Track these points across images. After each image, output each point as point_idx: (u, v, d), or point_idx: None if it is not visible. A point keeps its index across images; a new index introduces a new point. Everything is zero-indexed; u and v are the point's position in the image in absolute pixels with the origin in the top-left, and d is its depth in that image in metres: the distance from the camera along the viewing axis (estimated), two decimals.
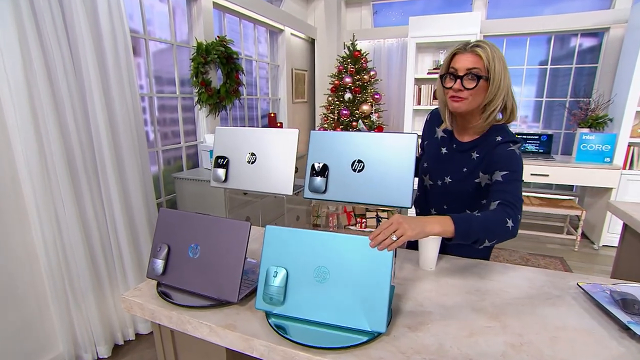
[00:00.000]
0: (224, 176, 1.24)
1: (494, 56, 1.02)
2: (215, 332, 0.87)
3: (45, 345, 1.81)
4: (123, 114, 1.94)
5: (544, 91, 3.86)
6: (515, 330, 0.83)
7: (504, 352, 0.76)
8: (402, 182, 0.99)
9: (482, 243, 0.92)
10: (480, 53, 1.02)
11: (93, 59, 1.77)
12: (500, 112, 1.09)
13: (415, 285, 1.03)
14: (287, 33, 3.97)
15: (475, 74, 1.03)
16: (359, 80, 3.82)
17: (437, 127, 1.25)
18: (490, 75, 1.03)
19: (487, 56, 1.02)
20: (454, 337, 0.80)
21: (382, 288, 0.79)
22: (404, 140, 1.00)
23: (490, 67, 1.02)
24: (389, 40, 4.36)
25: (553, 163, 3.23)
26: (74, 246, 1.75)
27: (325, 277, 0.84)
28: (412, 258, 1.21)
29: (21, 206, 1.68)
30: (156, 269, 1.02)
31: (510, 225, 0.93)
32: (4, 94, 1.57)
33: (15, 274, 1.68)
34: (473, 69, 1.03)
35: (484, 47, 1.03)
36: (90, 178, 1.82)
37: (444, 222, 0.87)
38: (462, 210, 1.18)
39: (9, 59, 1.52)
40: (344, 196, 1.06)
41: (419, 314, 0.90)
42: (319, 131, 1.11)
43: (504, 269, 1.13)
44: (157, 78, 2.82)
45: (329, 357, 0.75)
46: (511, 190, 0.99)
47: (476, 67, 1.03)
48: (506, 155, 1.05)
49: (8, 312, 1.66)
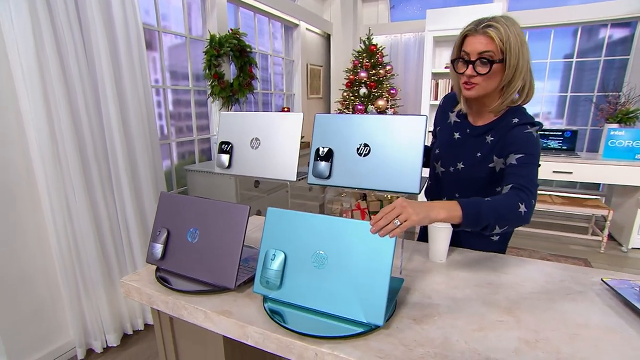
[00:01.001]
0: (227, 162, 1.21)
1: (508, 35, 0.93)
2: (210, 318, 0.84)
3: (57, 331, 1.83)
4: (135, 104, 1.95)
5: (569, 86, 3.69)
6: (530, 325, 0.76)
7: (516, 348, 0.69)
8: (410, 167, 0.93)
9: (492, 229, 0.85)
10: (493, 35, 0.93)
11: (105, 49, 1.78)
12: (518, 93, 1.02)
13: (424, 277, 0.98)
14: (303, 28, 3.94)
15: (488, 58, 0.96)
16: (375, 75, 3.75)
17: (450, 112, 1.18)
18: (505, 56, 0.95)
19: (501, 36, 0.93)
20: (462, 331, 0.74)
21: (382, 278, 0.74)
22: (412, 122, 0.94)
23: (505, 48, 0.94)
24: (406, 34, 4.27)
25: (577, 160, 3.08)
26: (85, 235, 1.77)
27: (323, 263, 0.79)
28: (422, 250, 1.15)
29: (34, 195, 1.71)
30: (155, 253, 1.00)
31: (522, 211, 0.86)
32: (19, 82, 1.60)
33: (28, 260, 1.71)
34: (485, 53, 0.95)
35: (497, 27, 0.94)
36: (101, 167, 1.83)
37: (451, 207, 0.81)
38: None
39: (23, 47, 1.54)
40: (348, 182, 1.01)
41: (425, 306, 0.84)
42: (323, 114, 1.06)
43: (520, 262, 1.06)
44: (173, 73, 2.84)
45: (325, 346, 0.70)
46: (525, 174, 0.92)
47: (489, 51, 0.95)
48: (522, 137, 0.97)
49: (21, 297, 1.69)
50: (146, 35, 2.57)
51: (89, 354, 1.88)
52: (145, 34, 2.52)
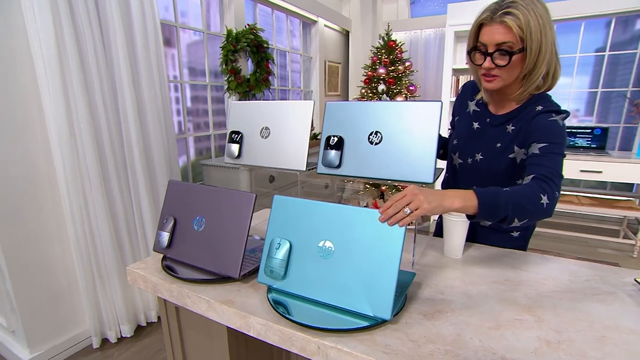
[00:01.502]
0: (237, 152, 1.19)
1: (528, 20, 0.85)
2: (213, 307, 0.81)
3: (73, 320, 1.87)
4: (151, 99, 1.96)
5: (600, 81, 3.50)
6: (551, 325, 0.70)
7: (536, 349, 0.64)
8: (424, 155, 0.88)
9: (510, 222, 0.79)
10: (511, 23, 0.86)
11: (123, 45, 1.80)
12: (541, 78, 0.95)
13: (437, 272, 0.92)
14: (321, 24, 3.91)
15: (506, 50, 0.89)
16: (394, 72, 3.68)
17: (469, 101, 1.12)
18: (526, 45, 0.88)
19: (520, 24, 0.86)
20: (477, 328, 0.69)
21: (390, 269, 0.69)
22: (426, 109, 0.89)
23: (526, 36, 0.87)
24: (426, 30, 4.17)
25: (608, 159, 2.91)
26: (101, 227, 1.79)
27: (329, 253, 0.76)
28: (437, 245, 1.09)
29: (54, 185, 1.75)
30: (161, 241, 0.99)
31: (544, 202, 0.79)
32: (40, 76, 1.63)
33: (47, 249, 1.75)
34: (503, 44, 0.88)
35: (515, 14, 0.86)
36: (117, 161, 1.85)
37: (466, 196, 0.76)
38: None
39: (45, 42, 1.58)
40: (359, 171, 0.97)
41: (438, 301, 0.79)
42: (334, 102, 1.03)
43: (542, 260, 0.99)
44: (191, 69, 2.87)
45: (329, 339, 0.67)
46: (549, 164, 0.85)
47: (507, 42, 0.88)
48: (546, 125, 0.90)
49: (40, 284, 1.73)
50: (165, 33, 2.61)
51: (104, 343, 1.91)
52: (164, 31, 2.56)
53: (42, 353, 1.74)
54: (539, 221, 0.96)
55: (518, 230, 1.09)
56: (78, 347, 1.87)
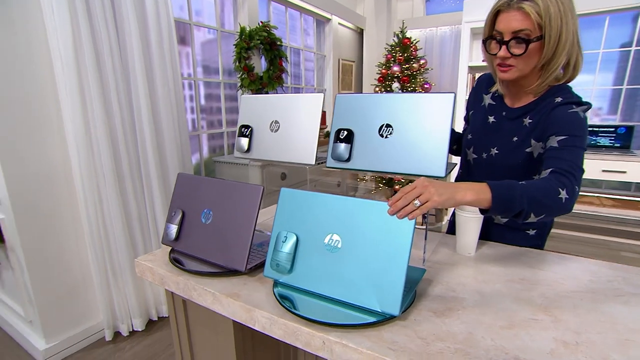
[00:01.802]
0: (246, 146, 1.18)
1: (547, 6, 0.82)
2: (218, 300, 0.81)
3: (87, 312, 1.90)
4: (165, 96, 1.98)
5: (625, 78, 3.37)
6: (569, 326, 0.67)
7: (552, 350, 0.60)
8: (436, 148, 0.86)
9: (526, 217, 0.75)
10: (529, 9, 0.82)
11: (138, 42, 1.82)
12: (561, 68, 0.91)
13: (449, 270, 0.89)
14: (335, 22, 3.89)
15: (523, 38, 0.85)
16: (408, 69, 3.63)
17: (484, 94, 1.09)
18: (544, 32, 0.84)
19: (538, 10, 0.82)
20: (489, 327, 0.66)
21: (399, 264, 0.67)
22: (438, 101, 0.87)
23: (544, 23, 0.83)
24: (441, 28, 4.10)
25: (633, 158, 2.80)
26: (114, 222, 1.82)
27: (336, 247, 0.74)
28: (449, 242, 1.06)
29: (70, 181, 1.78)
30: (169, 234, 0.98)
31: (563, 197, 0.75)
32: (58, 73, 1.66)
33: (63, 243, 1.78)
34: (520, 32, 0.85)
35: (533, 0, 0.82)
36: (131, 158, 1.87)
37: (479, 189, 0.73)
38: None
39: (62, 39, 1.61)
40: (369, 165, 0.95)
41: (449, 299, 0.76)
42: (344, 94, 1.01)
43: (560, 259, 0.95)
44: (205, 67, 2.89)
45: (334, 334, 0.65)
46: (568, 158, 0.81)
47: (525, 29, 0.84)
48: (566, 117, 0.86)
49: (57, 277, 1.77)
50: (180, 31, 2.63)
51: (116, 336, 1.93)
52: (179, 30, 2.59)
53: (57, 343, 1.78)
54: (557, 222, 0.91)
55: (534, 228, 1.04)
56: (91, 339, 1.90)
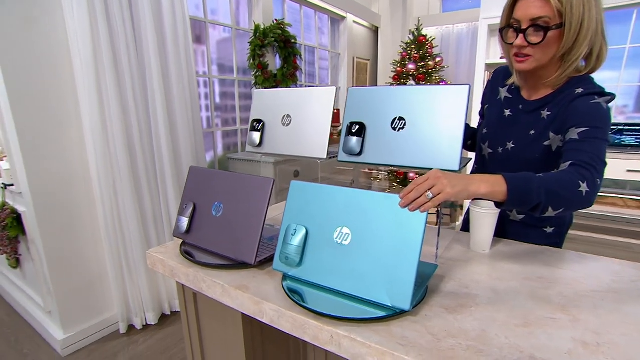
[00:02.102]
0: (258, 140, 1.18)
1: None
2: (227, 292, 0.80)
3: (103, 305, 1.94)
4: (180, 93, 2.00)
5: None
6: (589, 326, 0.64)
7: (570, 350, 0.58)
8: (450, 141, 0.83)
9: (544, 211, 0.72)
10: None
11: (154, 40, 1.85)
12: (583, 59, 0.87)
13: (462, 266, 0.87)
14: (350, 20, 3.87)
15: (542, 25, 0.81)
16: (423, 67, 3.58)
17: (500, 87, 1.06)
18: (565, 20, 0.80)
19: None
20: (503, 325, 0.64)
21: (411, 257, 0.65)
22: (453, 93, 0.84)
23: (565, 10, 0.79)
24: (458, 25, 4.04)
25: None
26: (129, 218, 1.85)
27: (346, 240, 0.72)
28: (463, 240, 1.03)
29: (87, 179, 1.82)
30: (181, 226, 0.99)
31: (584, 190, 0.72)
32: (77, 70, 1.70)
33: (81, 237, 1.82)
34: (539, 19, 0.81)
35: None
36: (146, 154, 1.90)
37: (494, 181, 0.70)
38: None
39: (82, 38, 1.64)
40: (381, 158, 0.93)
41: (461, 296, 0.74)
42: (357, 87, 1.00)
43: (580, 258, 0.91)
44: (220, 66, 2.92)
45: (342, 328, 0.63)
46: (589, 150, 0.77)
47: (544, 16, 0.81)
48: (587, 108, 0.82)
49: (75, 270, 1.81)
50: (196, 30, 2.66)
51: (130, 329, 1.96)
52: (195, 28, 2.61)
53: (74, 334, 1.82)
54: (577, 224, 0.87)
55: (552, 225, 1.01)
56: (106, 332, 1.94)
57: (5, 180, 1.89)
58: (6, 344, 1.88)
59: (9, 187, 1.83)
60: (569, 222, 1.05)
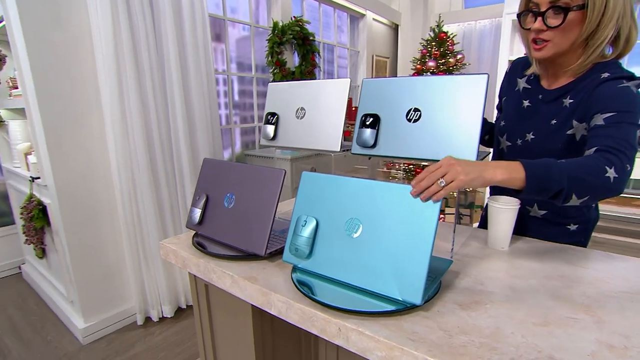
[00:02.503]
0: (272, 133, 1.17)
1: None
2: (237, 283, 0.80)
3: (122, 296, 1.98)
4: (198, 90, 2.03)
5: None
6: (616, 328, 0.60)
7: (594, 352, 0.54)
8: (467, 133, 0.80)
9: (567, 198, 0.67)
10: None
11: (173, 37, 1.88)
12: (610, 44, 0.82)
13: (478, 263, 0.84)
14: (369, 18, 3.84)
15: (562, 6, 0.76)
16: (444, 65, 3.50)
17: (518, 78, 1.01)
18: (587, 1, 0.75)
19: None
20: (520, 323, 0.60)
21: (423, 250, 0.63)
22: (471, 83, 0.81)
23: None
24: (481, 21, 3.93)
25: None
26: (147, 211, 1.88)
27: (356, 232, 0.71)
28: (481, 236, 1.00)
29: (107, 174, 1.86)
30: (193, 218, 0.99)
31: (611, 176, 0.66)
32: (99, 64, 1.75)
33: (100, 229, 1.87)
34: (559, 0, 0.77)
35: None
36: (164, 149, 1.93)
37: (511, 167, 0.66)
38: None
39: (104, 34, 1.68)
40: (395, 150, 0.91)
41: (476, 292, 0.71)
42: (371, 78, 0.97)
43: (606, 258, 0.86)
44: (239, 64, 2.95)
45: (350, 321, 0.62)
46: (617, 135, 0.71)
47: None
48: (614, 92, 0.76)
49: (95, 261, 1.86)
50: (216, 28, 2.70)
51: (147, 321, 2.00)
52: (215, 27, 2.65)
53: (94, 324, 1.87)
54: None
55: (577, 222, 0.95)
56: (124, 322, 1.98)
57: (33, 173, 1.96)
58: (32, 330, 1.95)
59: (36, 180, 1.90)
60: (594, 219, 0.99)
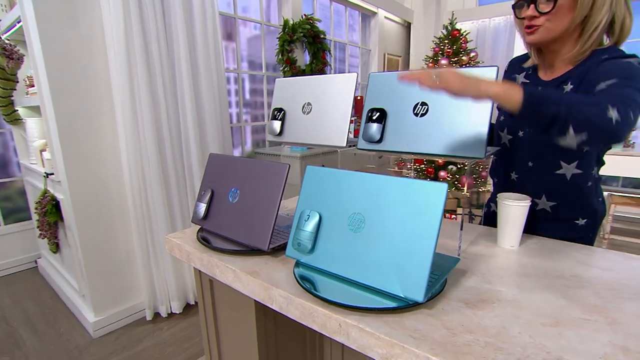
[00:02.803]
0: (279, 129, 1.17)
1: None
2: (239, 277, 0.79)
3: (131, 292, 2.01)
4: (208, 87, 2.04)
5: None
6: (631, 331, 0.57)
7: (607, 355, 0.51)
8: (475, 127, 0.78)
9: (563, 128, 0.62)
10: None
11: (184, 34, 1.89)
12: (605, 32, 0.81)
13: (486, 261, 0.81)
14: (381, 16, 3.81)
15: None
16: (457, 62, 3.45)
17: (517, 74, 1.01)
18: None
19: None
20: (527, 323, 0.58)
21: (426, 246, 0.61)
22: (480, 74, 0.78)
23: None
24: (495, 19, 3.86)
25: None
26: (157, 207, 1.90)
27: (359, 227, 0.69)
28: (490, 235, 0.97)
29: (119, 173, 1.89)
30: (198, 212, 0.99)
31: (613, 117, 0.61)
32: (112, 64, 1.77)
33: (111, 225, 1.90)
34: None
35: None
36: (174, 146, 1.95)
37: (509, 86, 0.63)
38: (554, 166, 0.91)
39: (116, 32, 1.71)
40: (402, 146, 0.89)
41: (483, 291, 0.69)
42: (377, 73, 0.96)
43: (622, 258, 0.82)
44: (250, 62, 2.96)
45: (351, 318, 0.60)
46: (619, 91, 0.68)
47: None
48: (615, 65, 0.75)
49: (105, 256, 1.89)
50: (227, 27, 2.72)
51: (156, 316, 2.02)
52: (226, 25, 2.67)
53: (104, 318, 1.90)
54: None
55: (584, 217, 0.93)
56: (134, 317, 2.00)
57: (47, 169, 2.00)
58: (46, 323, 2.00)
59: (50, 176, 1.94)
60: (601, 212, 0.97)
